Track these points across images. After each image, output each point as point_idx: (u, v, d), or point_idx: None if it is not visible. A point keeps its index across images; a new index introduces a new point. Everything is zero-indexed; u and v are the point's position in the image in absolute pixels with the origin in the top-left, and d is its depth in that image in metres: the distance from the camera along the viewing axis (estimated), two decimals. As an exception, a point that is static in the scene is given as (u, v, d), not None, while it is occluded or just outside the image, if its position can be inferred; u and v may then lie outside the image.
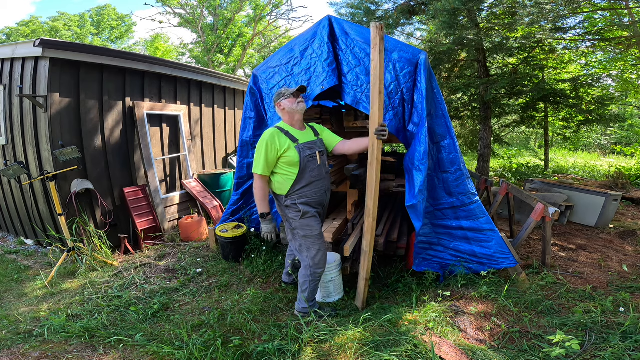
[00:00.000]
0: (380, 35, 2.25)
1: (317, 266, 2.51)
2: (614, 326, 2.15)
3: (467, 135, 9.36)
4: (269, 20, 20.77)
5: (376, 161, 2.41)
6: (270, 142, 2.39)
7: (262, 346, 2.12)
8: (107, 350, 2.24)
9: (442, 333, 2.15)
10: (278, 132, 2.45)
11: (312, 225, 2.48)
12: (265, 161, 2.40)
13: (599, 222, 4.54)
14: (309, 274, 2.53)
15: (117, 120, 4.41)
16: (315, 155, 2.50)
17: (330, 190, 2.75)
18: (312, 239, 2.48)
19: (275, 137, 2.41)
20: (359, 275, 2.66)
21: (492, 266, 2.76)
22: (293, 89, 2.52)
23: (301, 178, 2.46)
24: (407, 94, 2.65)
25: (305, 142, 2.50)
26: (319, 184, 2.54)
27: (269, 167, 2.43)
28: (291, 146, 2.42)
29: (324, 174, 2.59)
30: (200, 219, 4.69)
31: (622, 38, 6.23)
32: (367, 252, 2.55)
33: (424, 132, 2.52)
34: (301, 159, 2.43)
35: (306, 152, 2.47)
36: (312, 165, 2.49)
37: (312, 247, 2.49)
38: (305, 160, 2.45)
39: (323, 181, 2.57)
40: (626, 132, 14.39)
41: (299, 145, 2.45)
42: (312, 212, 2.49)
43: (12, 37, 22.49)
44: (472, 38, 5.37)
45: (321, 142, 2.64)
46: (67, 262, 3.80)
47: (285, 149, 2.41)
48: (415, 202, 2.55)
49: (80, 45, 3.94)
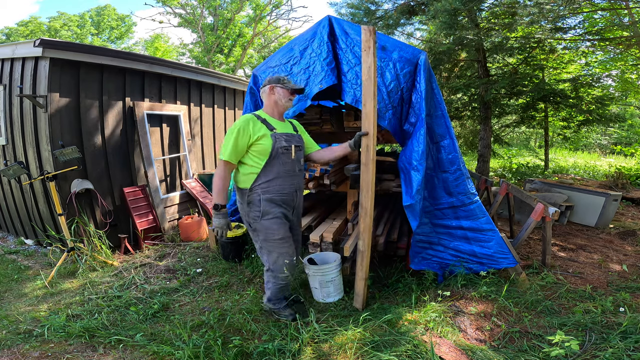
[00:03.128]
0: (373, 39, 2.26)
1: (278, 271, 2.37)
2: (614, 326, 2.15)
3: (467, 135, 9.36)
4: (269, 20, 20.78)
5: (371, 162, 2.40)
6: (243, 127, 2.22)
7: (262, 346, 2.12)
8: (107, 350, 2.24)
9: (442, 333, 2.15)
10: (254, 118, 2.29)
11: (273, 228, 2.31)
12: (234, 147, 2.21)
13: (599, 222, 4.54)
14: (272, 277, 2.44)
15: (117, 120, 4.41)
16: (290, 148, 2.34)
17: (302, 192, 2.58)
18: (272, 243, 2.33)
19: (250, 123, 2.25)
20: (357, 275, 2.65)
21: (492, 266, 2.76)
22: (294, 85, 2.43)
23: (269, 170, 2.28)
24: (406, 94, 2.65)
25: (282, 133, 2.35)
26: (289, 181, 2.36)
27: (237, 153, 2.25)
28: (267, 134, 2.26)
29: (297, 172, 2.42)
30: (200, 219, 4.69)
31: (622, 38, 6.23)
32: (365, 252, 2.54)
33: (422, 132, 2.52)
34: (274, 148, 2.26)
35: (281, 143, 2.30)
36: (285, 158, 2.32)
37: (272, 252, 2.35)
38: (277, 151, 2.28)
39: (294, 178, 2.40)
40: (626, 132, 14.39)
41: (276, 134, 2.29)
42: (275, 213, 2.32)
43: (12, 37, 22.49)
44: (472, 38, 5.37)
45: (300, 139, 2.49)
46: (67, 262, 3.80)
47: (259, 136, 2.24)
48: (412, 202, 2.56)
49: (80, 45, 3.94)
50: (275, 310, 2.55)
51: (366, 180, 2.45)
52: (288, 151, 2.33)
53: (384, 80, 2.63)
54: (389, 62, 2.63)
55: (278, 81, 2.37)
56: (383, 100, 2.63)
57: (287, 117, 2.98)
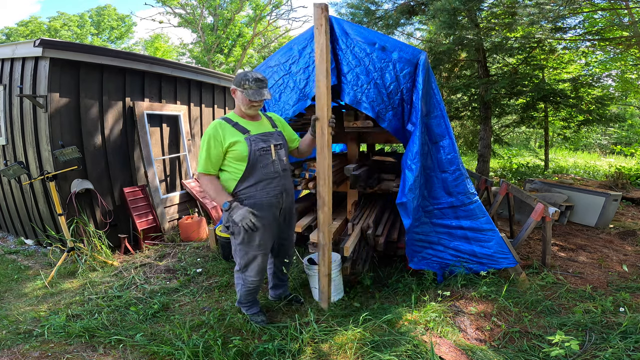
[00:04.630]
0: (325, 16, 2.23)
1: (248, 275, 2.33)
2: (614, 326, 2.15)
3: (467, 135, 9.36)
4: (269, 20, 20.78)
5: (326, 147, 2.32)
6: (213, 136, 2.10)
7: (262, 346, 2.12)
8: (107, 350, 2.24)
9: (442, 333, 2.15)
10: (223, 123, 2.16)
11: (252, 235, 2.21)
12: (208, 158, 2.12)
13: (599, 222, 4.54)
14: (241, 279, 2.39)
15: (117, 120, 4.41)
16: (269, 148, 2.20)
17: (291, 193, 2.41)
18: (248, 247, 2.25)
19: (219, 130, 2.12)
20: (320, 271, 2.55)
21: (492, 266, 2.76)
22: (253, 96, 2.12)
23: (249, 175, 2.17)
24: (406, 95, 2.65)
25: (258, 134, 2.20)
26: (272, 183, 2.23)
27: (213, 164, 2.14)
28: (240, 139, 2.13)
29: (281, 172, 2.27)
30: (200, 219, 4.69)
31: (622, 38, 6.23)
32: (325, 245, 2.45)
33: (417, 133, 2.54)
34: (250, 152, 2.13)
35: (258, 145, 2.17)
36: (265, 160, 2.19)
37: (245, 256, 2.28)
38: (255, 154, 2.15)
39: (279, 180, 2.26)
40: (626, 132, 14.38)
41: (250, 137, 2.16)
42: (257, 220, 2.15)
43: (12, 37, 22.49)
44: (472, 38, 5.37)
45: (280, 135, 2.34)
46: (67, 262, 3.80)
47: (232, 142, 2.11)
48: (405, 200, 2.57)
49: (80, 45, 3.94)
50: (248, 316, 2.52)
51: (322, 167, 2.35)
52: (267, 152, 2.20)
53: (384, 81, 2.63)
54: (388, 62, 2.63)
55: (239, 84, 2.14)
56: (383, 101, 2.64)
57: (286, 117, 2.97)
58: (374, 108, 2.64)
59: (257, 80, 2.14)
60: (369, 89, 2.65)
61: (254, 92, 2.14)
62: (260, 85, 2.15)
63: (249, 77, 2.13)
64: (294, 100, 2.94)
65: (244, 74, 2.16)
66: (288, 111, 2.97)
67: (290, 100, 2.98)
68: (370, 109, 2.64)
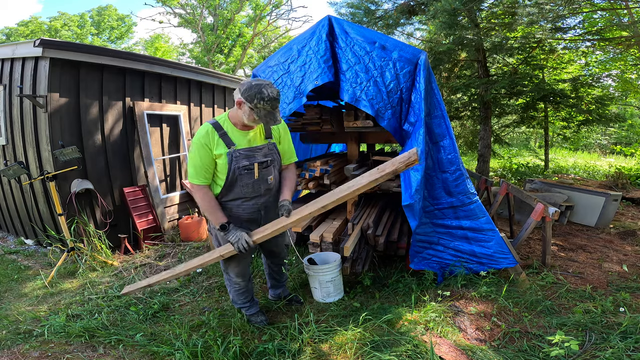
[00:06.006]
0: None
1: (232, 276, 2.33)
2: (614, 326, 2.15)
3: (467, 135, 9.35)
4: (268, 20, 20.77)
5: None
6: (203, 142, 1.94)
7: (261, 346, 2.12)
8: (107, 350, 2.24)
9: (442, 333, 2.15)
10: (212, 131, 1.96)
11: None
12: (202, 167, 1.96)
13: (599, 222, 4.54)
14: (227, 280, 2.40)
15: (117, 120, 4.41)
16: (252, 167, 2.01)
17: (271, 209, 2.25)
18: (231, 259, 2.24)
19: (209, 137, 1.95)
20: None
21: (492, 266, 2.76)
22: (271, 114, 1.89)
23: (227, 191, 2.05)
24: (405, 94, 2.65)
25: (243, 148, 2.00)
26: (251, 201, 2.10)
27: (204, 172, 1.97)
28: (223, 153, 1.95)
29: (262, 192, 2.11)
30: (200, 219, 4.69)
31: (621, 38, 6.23)
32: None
33: (421, 132, 2.52)
34: (230, 170, 1.97)
35: (240, 162, 1.98)
36: (246, 179, 2.01)
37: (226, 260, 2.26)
38: (235, 173, 1.98)
39: (258, 198, 2.11)
40: (626, 132, 14.36)
41: (233, 152, 1.96)
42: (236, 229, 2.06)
43: (12, 37, 22.48)
44: (471, 38, 5.37)
45: (272, 150, 2.13)
46: (67, 262, 3.80)
47: (217, 155, 1.96)
48: (412, 201, 2.56)
49: (80, 45, 3.94)
50: (247, 317, 2.51)
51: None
52: (250, 171, 2.01)
53: (384, 80, 2.63)
54: (389, 61, 2.63)
55: (250, 100, 1.85)
56: (383, 100, 2.63)
57: (283, 115, 2.97)
58: (373, 106, 2.64)
59: (273, 100, 1.85)
60: (368, 86, 2.64)
61: (267, 115, 1.88)
62: (274, 106, 1.88)
63: (264, 96, 1.82)
64: (290, 99, 2.94)
65: (259, 90, 1.83)
66: (285, 110, 2.97)
67: (287, 99, 2.98)
68: (369, 107, 2.63)
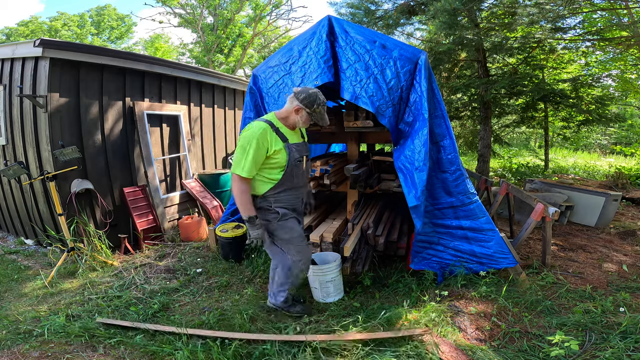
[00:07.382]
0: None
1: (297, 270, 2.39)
2: (614, 326, 2.15)
3: (467, 135, 9.36)
4: (268, 20, 20.76)
5: None
6: (261, 139, 2.09)
7: (261, 346, 2.12)
8: (107, 350, 2.24)
9: (442, 333, 2.15)
10: (269, 129, 2.16)
11: (294, 227, 2.34)
12: (254, 161, 2.09)
13: (599, 222, 4.54)
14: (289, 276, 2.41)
15: (117, 120, 4.40)
16: (302, 159, 2.29)
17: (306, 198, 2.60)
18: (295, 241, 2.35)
19: (267, 135, 2.13)
20: None
21: (492, 266, 2.76)
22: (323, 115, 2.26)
23: (283, 183, 2.24)
24: (404, 93, 2.65)
25: (294, 144, 2.27)
26: (299, 192, 2.37)
27: (256, 167, 2.14)
28: (282, 147, 2.17)
29: (304, 184, 2.43)
30: (200, 219, 4.69)
31: (621, 38, 6.23)
32: None
33: (425, 132, 2.52)
34: (289, 161, 2.19)
35: (295, 155, 2.23)
36: (297, 170, 2.28)
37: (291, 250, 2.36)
38: (292, 164, 2.22)
39: (303, 189, 2.42)
40: (626, 132, 14.36)
41: (289, 145, 2.21)
42: (290, 215, 2.34)
43: (12, 37, 22.47)
44: (472, 38, 5.38)
45: (308, 147, 2.45)
46: (67, 262, 3.80)
47: (276, 150, 2.15)
48: (418, 203, 2.56)
49: (80, 45, 3.94)
50: (285, 309, 2.54)
51: None
52: (300, 163, 2.27)
53: (385, 77, 2.63)
54: (389, 59, 2.63)
55: (309, 106, 2.17)
56: (384, 97, 2.63)
57: None
58: (374, 103, 2.63)
59: (325, 105, 2.24)
60: (368, 83, 2.64)
61: (322, 117, 2.25)
62: (325, 109, 2.26)
63: (320, 102, 2.18)
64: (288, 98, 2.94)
65: (315, 96, 2.18)
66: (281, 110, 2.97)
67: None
68: (369, 104, 2.63)
